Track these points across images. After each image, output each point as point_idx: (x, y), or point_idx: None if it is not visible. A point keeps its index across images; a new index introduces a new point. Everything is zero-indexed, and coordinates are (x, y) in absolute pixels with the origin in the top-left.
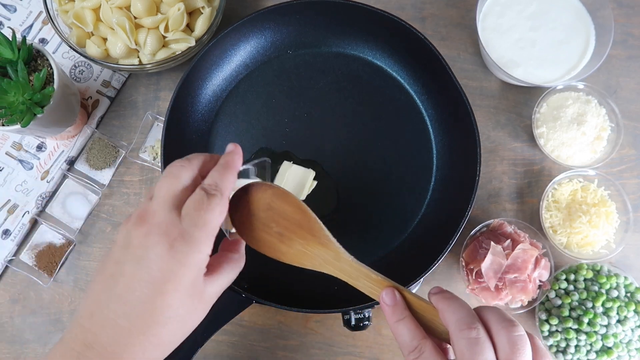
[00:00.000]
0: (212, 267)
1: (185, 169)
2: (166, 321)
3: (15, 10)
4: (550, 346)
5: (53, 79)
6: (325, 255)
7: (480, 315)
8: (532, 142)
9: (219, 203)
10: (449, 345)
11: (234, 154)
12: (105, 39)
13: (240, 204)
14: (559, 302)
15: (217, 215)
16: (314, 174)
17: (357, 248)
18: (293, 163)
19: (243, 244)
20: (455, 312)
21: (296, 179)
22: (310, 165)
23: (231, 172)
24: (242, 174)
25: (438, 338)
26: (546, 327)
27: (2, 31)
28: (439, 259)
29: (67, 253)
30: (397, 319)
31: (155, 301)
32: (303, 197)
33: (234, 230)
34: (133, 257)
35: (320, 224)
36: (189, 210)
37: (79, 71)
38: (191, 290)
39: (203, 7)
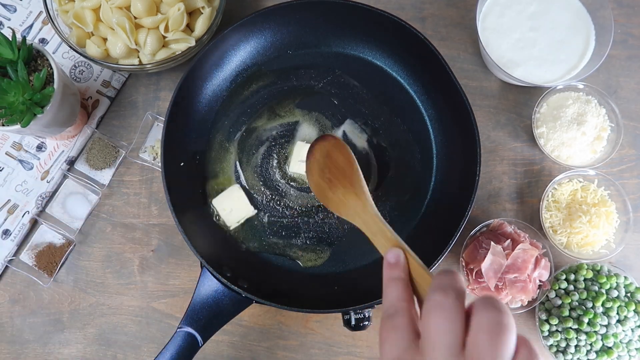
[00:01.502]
0: None
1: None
2: None
3: (15, 10)
4: (550, 346)
5: (53, 79)
6: (356, 206)
7: (472, 303)
8: (532, 142)
9: None
10: None
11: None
12: (105, 39)
13: (312, 151)
14: (559, 302)
15: None
16: None
17: (357, 248)
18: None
19: None
20: (440, 280)
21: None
22: None
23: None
24: None
25: None
26: (546, 327)
27: (2, 31)
28: (439, 259)
29: (67, 253)
30: (391, 277)
31: None
32: None
33: None
34: None
35: (360, 176)
36: None
37: (79, 71)
38: None
39: (203, 7)
